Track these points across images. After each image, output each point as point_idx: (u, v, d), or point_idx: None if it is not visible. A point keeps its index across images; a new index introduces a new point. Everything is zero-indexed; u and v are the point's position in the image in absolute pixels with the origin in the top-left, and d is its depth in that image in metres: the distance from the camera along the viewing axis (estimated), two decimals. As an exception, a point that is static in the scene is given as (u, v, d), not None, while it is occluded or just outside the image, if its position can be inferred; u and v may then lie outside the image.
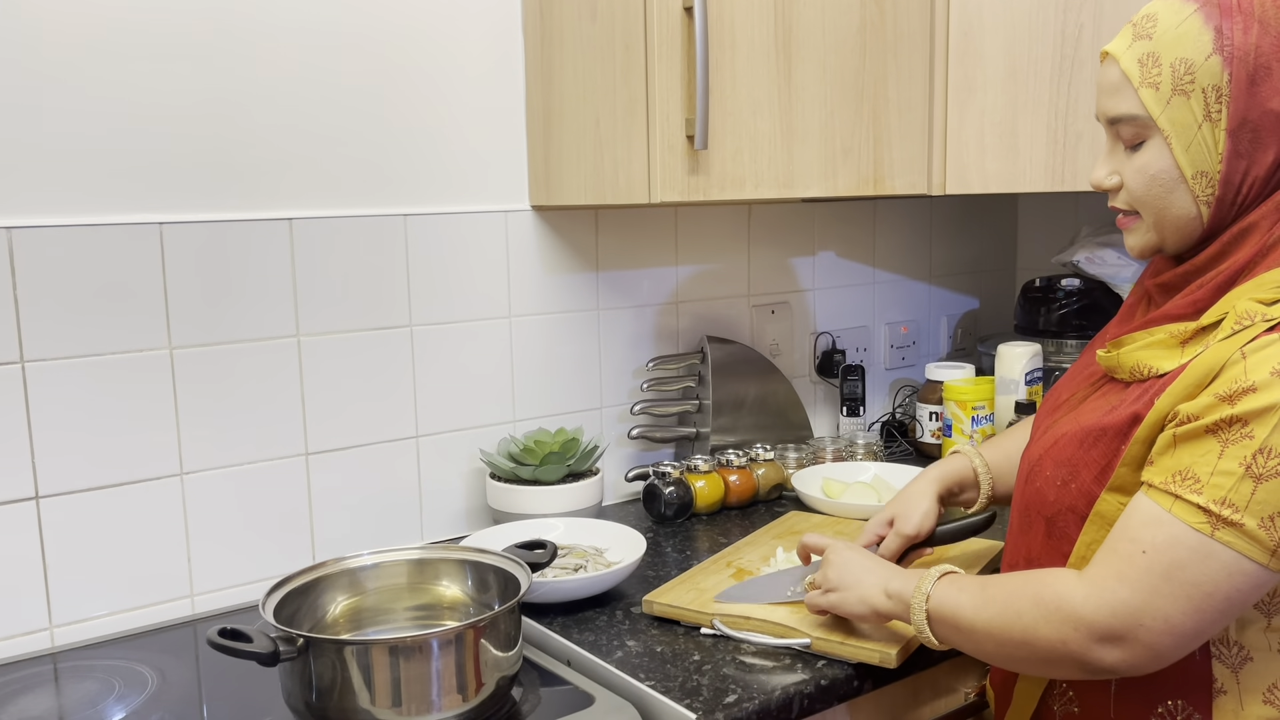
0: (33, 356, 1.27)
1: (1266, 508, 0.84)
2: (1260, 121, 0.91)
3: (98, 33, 1.27)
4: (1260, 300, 0.90)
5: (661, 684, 1.12)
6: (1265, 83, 0.90)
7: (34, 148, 1.25)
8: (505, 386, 1.66)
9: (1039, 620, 0.93)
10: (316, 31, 1.43)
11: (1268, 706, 0.93)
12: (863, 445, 1.89)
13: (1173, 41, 0.93)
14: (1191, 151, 0.93)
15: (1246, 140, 0.91)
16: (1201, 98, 0.92)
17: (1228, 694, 0.94)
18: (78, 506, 1.31)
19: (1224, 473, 0.86)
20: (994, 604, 0.98)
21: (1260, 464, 0.84)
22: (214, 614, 1.39)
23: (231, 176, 1.39)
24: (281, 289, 1.43)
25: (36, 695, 1.17)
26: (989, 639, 0.98)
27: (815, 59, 1.51)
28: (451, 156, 1.57)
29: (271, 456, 1.44)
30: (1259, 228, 0.92)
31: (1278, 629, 0.93)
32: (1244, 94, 0.90)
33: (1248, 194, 0.93)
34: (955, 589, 1.02)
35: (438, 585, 1.22)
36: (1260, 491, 0.84)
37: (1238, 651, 0.93)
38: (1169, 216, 0.97)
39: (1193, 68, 0.91)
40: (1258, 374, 0.85)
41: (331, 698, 1.01)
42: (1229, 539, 0.85)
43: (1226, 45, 0.91)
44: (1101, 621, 0.89)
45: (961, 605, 1.00)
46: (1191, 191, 0.94)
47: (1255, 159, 0.92)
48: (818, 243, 2.06)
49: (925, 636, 1.04)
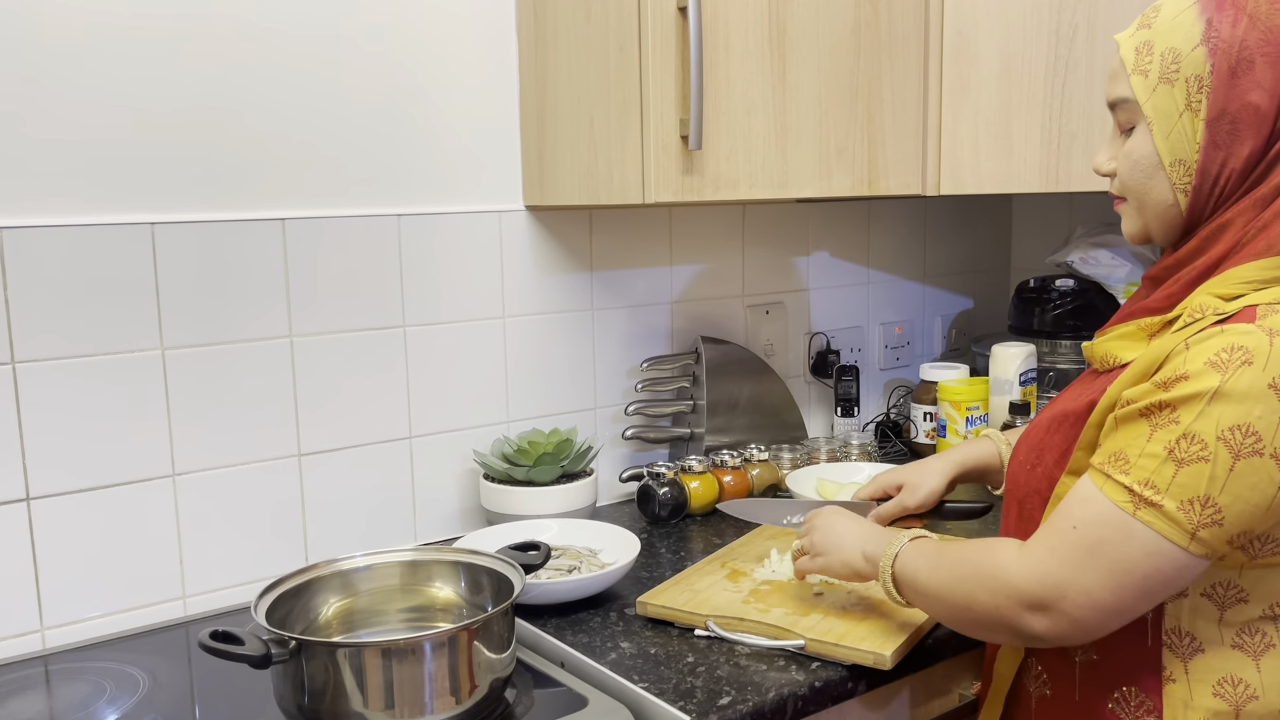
0: (24, 357, 1.26)
1: (1186, 491, 0.87)
2: (1239, 114, 0.92)
3: (88, 33, 1.27)
4: (1220, 295, 0.92)
5: (655, 686, 1.12)
6: (1246, 75, 0.91)
7: (26, 148, 1.24)
8: (499, 387, 1.66)
9: (978, 587, 0.98)
10: (309, 32, 1.42)
11: (1217, 699, 0.94)
12: (857, 446, 1.89)
13: (1167, 31, 0.95)
14: (1171, 139, 0.95)
15: (1224, 131, 0.92)
16: (1185, 87, 0.93)
17: (1177, 683, 0.96)
18: (69, 508, 1.30)
19: (1150, 455, 0.89)
20: (943, 569, 1.03)
21: (1183, 449, 0.87)
22: (206, 616, 1.38)
23: (224, 177, 1.38)
24: (274, 289, 1.43)
25: (27, 698, 1.16)
26: (939, 601, 1.04)
27: (809, 59, 1.51)
28: (445, 156, 1.56)
29: (264, 458, 1.44)
30: (1235, 224, 0.94)
31: (1230, 623, 0.94)
32: (1224, 85, 0.92)
33: (1225, 186, 0.94)
34: (917, 553, 1.08)
35: (431, 587, 1.22)
36: (1181, 475, 0.87)
37: (1189, 642, 0.95)
38: (1149, 202, 0.99)
39: (1179, 57, 0.93)
40: (1193, 364, 0.88)
41: (324, 700, 1.01)
42: (1149, 519, 0.88)
43: (1213, 37, 0.92)
44: (1030, 591, 0.93)
45: (919, 569, 1.06)
46: (1169, 179, 0.96)
47: (1233, 151, 0.93)
48: (812, 243, 2.06)
49: (892, 596, 1.10)
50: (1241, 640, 0.94)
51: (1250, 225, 0.93)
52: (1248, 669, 0.94)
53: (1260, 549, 0.92)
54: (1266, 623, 0.94)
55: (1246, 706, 0.94)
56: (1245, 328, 0.87)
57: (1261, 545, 0.91)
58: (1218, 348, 0.87)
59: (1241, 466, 0.85)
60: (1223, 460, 0.86)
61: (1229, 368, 0.86)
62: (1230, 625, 0.95)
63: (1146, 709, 0.97)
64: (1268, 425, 0.85)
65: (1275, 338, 0.86)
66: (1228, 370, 0.86)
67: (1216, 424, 0.86)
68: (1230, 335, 0.88)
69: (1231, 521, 0.87)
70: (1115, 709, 0.99)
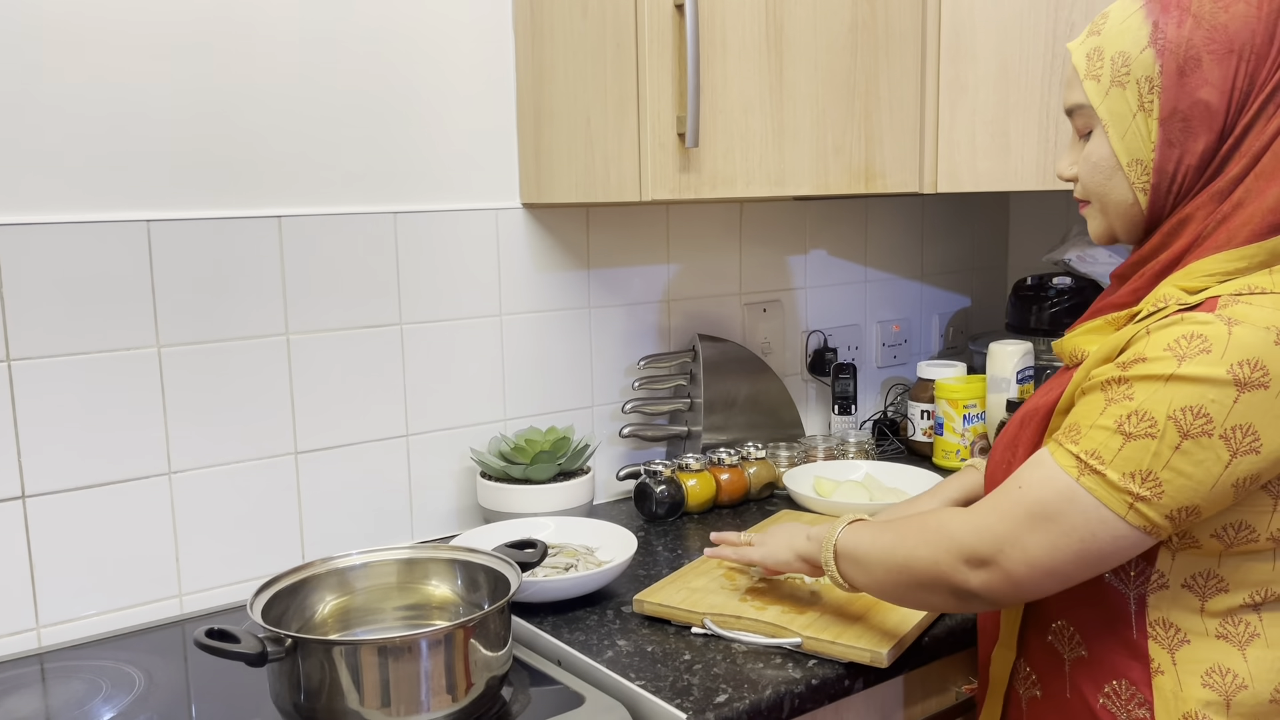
0: (19, 355, 1.26)
1: (1129, 464, 0.89)
2: (1190, 111, 0.94)
3: (84, 32, 1.26)
4: (1184, 288, 0.94)
5: (652, 684, 1.12)
6: (1194, 74, 0.93)
7: (21, 144, 1.24)
8: (496, 385, 1.65)
9: (920, 543, 1.01)
10: (306, 30, 1.42)
11: (1207, 689, 0.95)
12: (854, 444, 1.89)
13: (1116, 36, 0.97)
14: (1127, 140, 0.97)
15: (1178, 129, 0.95)
16: (1136, 89, 0.96)
17: (1165, 674, 0.96)
18: (65, 505, 1.30)
19: (1100, 427, 0.91)
20: (888, 534, 1.07)
21: (1132, 424, 0.89)
22: (202, 614, 1.38)
23: (220, 174, 1.38)
24: (271, 287, 1.43)
25: (23, 696, 1.16)
26: (879, 564, 1.07)
27: (807, 57, 1.51)
28: (442, 153, 1.56)
29: (260, 455, 1.44)
30: (1195, 218, 0.96)
31: (1213, 613, 0.95)
32: (1174, 85, 0.94)
33: (1183, 182, 0.96)
34: (861, 527, 1.12)
35: (427, 585, 1.21)
36: (1127, 449, 0.89)
37: (1175, 634, 0.96)
38: (1111, 202, 1.01)
39: (1129, 60, 0.96)
40: (1153, 349, 0.91)
41: (320, 698, 1.01)
42: (1091, 485, 0.91)
43: (1160, 38, 0.94)
44: (969, 544, 0.96)
45: (862, 540, 1.10)
46: (1128, 179, 0.98)
47: (1187, 148, 0.95)
48: (809, 241, 2.06)
49: (831, 572, 1.12)
50: (1226, 630, 0.95)
51: (1210, 219, 0.95)
52: (1234, 659, 0.95)
53: (1235, 536, 0.93)
54: (1249, 611, 0.95)
55: (1236, 696, 0.94)
56: (1205, 317, 0.90)
57: (1236, 532, 0.93)
58: (1177, 335, 0.90)
59: (1189, 445, 0.88)
60: (1170, 438, 0.88)
61: (1187, 354, 0.88)
62: (1213, 615, 0.95)
63: (1138, 702, 0.97)
64: (1220, 409, 0.87)
65: (1234, 327, 0.88)
66: (1186, 356, 0.88)
67: (1169, 404, 0.88)
68: (1190, 324, 0.90)
69: (1170, 496, 0.89)
70: (1107, 704, 0.99)
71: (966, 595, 0.98)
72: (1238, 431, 0.87)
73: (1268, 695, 0.95)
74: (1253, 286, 0.92)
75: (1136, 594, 0.97)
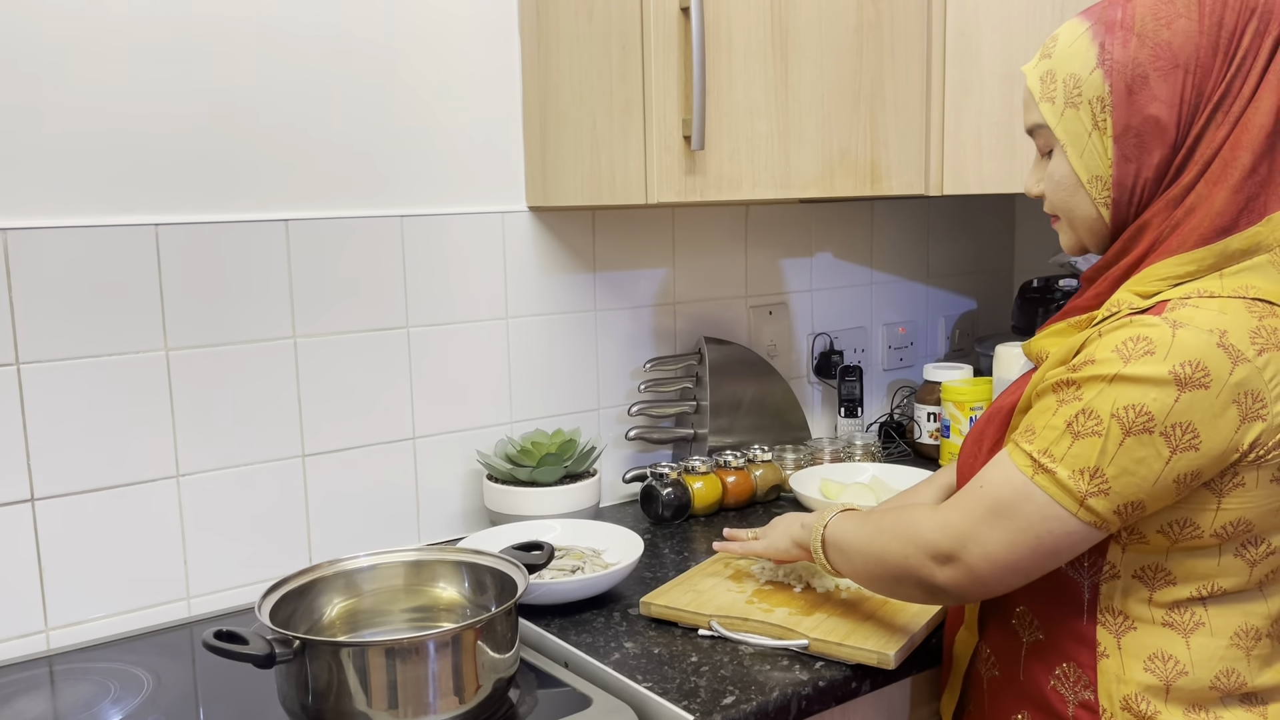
0: (28, 358, 1.26)
1: (1078, 461, 0.93)
2: (1142, 127, 0.98)
3: (92, 34, 1.27)
4: (1139, 293, 0.98)
5: (659, 685, 1.12)
6: (1143, 91, 0.97)
7: (30, 149, 1.25)
8: (502, 388, 1.66)
9: (892, 539, 1.07)
10: (313, 34, 1.43)
11: (1148, 674, 0.99)
12: (861, 446, 1.89)
13: (1065, 59, 1.01)
14: (1085, 158, 1.01)
15: (1132, 145, 0.99)
16: (1089, 109, 1.00)
17: (1110, 658, 1.01)
18: (73, 509, 1.30)
19: (1052, 427, 0.96)
20: (867, 527, 1.12)
21: (1080, 423, 0.94)
22: (210, 616, 1.39)
23: (228, 178, 1.38)
24: (278, 290, 1.43)
25: (32, 698, 1.16)
26: (859, 555, 1.12)
27: (812, 60, 1.51)
28: (448, 157, 1.56)
29: (268, 458, 1.44)
30: (1152, 225, 0.99)
31: (1160, 603, 0.99)
32: (1124, 103, 0.98)
33: (1142, 193, 1.00)
34: (847, 518, 1.17)
35: (434, 587, 1.22)
36: (1075, 447, 0.94)
37: (1122, 620, 1.01)
38: (1077, 217, 1.05)
39: (1079, 82, 1.00)
40: (1101, 351, 0.95)
41: (328, 700, 1.01)
42: (1044, 484, 0.95)
43: (1107, 59, 0.98)
44: (935, 541, 1.01)
45: (846, 530, 1.15)
46: (1089, 194, 1.02)
47: (1143, 161, 0.99)
48: (815, 243, 2.06)
49: (820, 560, 1.17)
50: (1171, 619, 0.99)
51: (1165, 224, 0.99)
52: (1178, 646, 0.99)
53: (1180, 532, 0.96)
54: (1196, 604, 0.99)
55: (1176, 682, 0.98)
56: (1152, 320, 0.93)
57: (1180, 529, 0.96)
58: (1124, 337, 0.94)
59: (1130, 442, 0.92)
60: (1114, 435, 0.92)
61: (1132, 356, 0.92)
62: (1160, 605, 0.99)
63: (1083, 684, 1.02)
64: (1161, 408, 0.91)
65: (1178, 330, 0.92)
66: (1131, 358, 0.92)
67: (1113, 403, 0.92)
68: (1137, 327, 0.94)
69: (1117, 492, 0.93)
70: (1056, 685, 1.04)
71: (934, 590, 1.03)
72: (1177, 429, 0.91)
73: (1208, 682, 0.98)
74: (1201, 290, 0.95)
75: (1090, 582, 1.02)
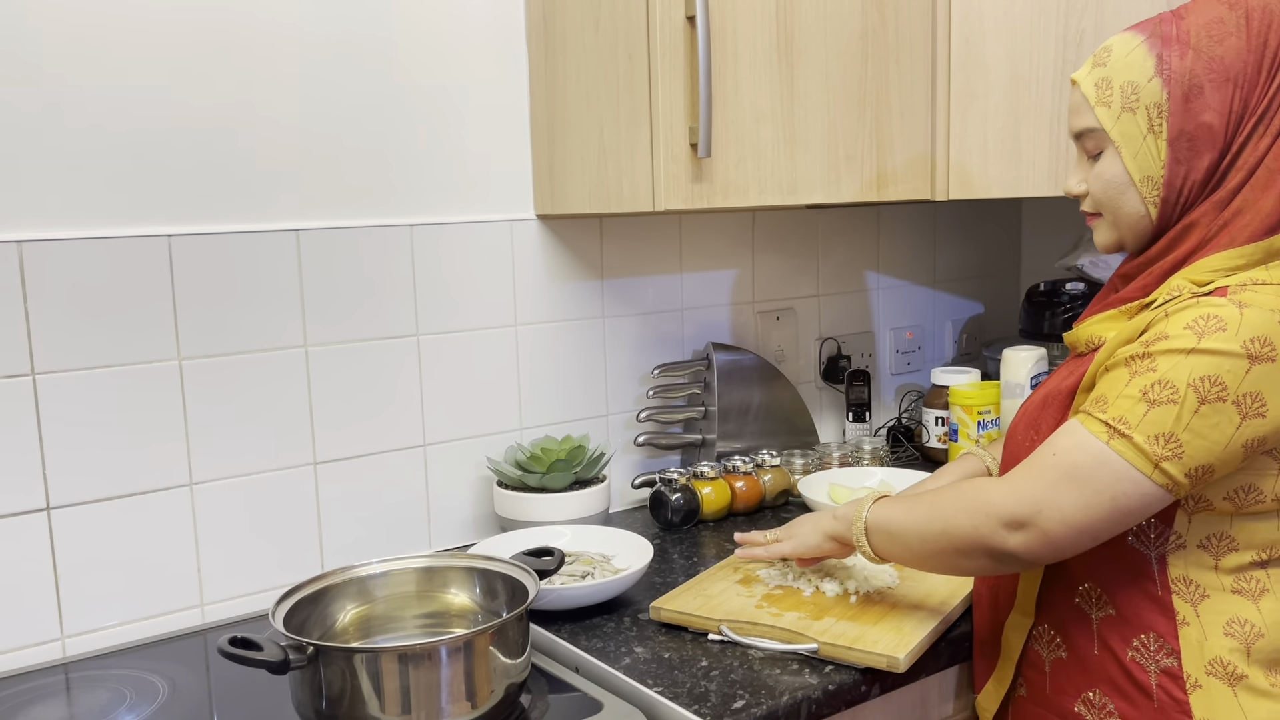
0: (43, 369, 1.28)
1: (1155, 427, 0.99)
2: (1195, 132, 1.06)
3: (104, 46, 1.28)
4: (1194, 281, 1.06)
5: (669, 690, 1.13)
6: (1197, 99, 1.06)
7: (44, 162, 1.26)
8: (511, 394, 1.67)
9: (959, 511, 1.09)
10: (323, 44, 1.44)
11: (1229, 639, 1.05)
12: (869, 451, 1.89)
13: (1122, 68, 1.09)
14: (1139, 159, 1.09)
15: (1184, 148, 1.07)
16: (1145, 114, 1.08)
17: (1190, 626, 1.06)
18: (88, 517, 1.32)
19: (1127, 396, 1.01)
20: (923, 505, 1.14)
21: (1156, 392, 1.00)
22: (224, 623, 1.39)
23: (239, 188, 1.40)
24: (289, 299, 1.44)
25: (48, 705, 1.17)
26: (915, 534, 1.14)
27: (817, 66, 1.52)
28: (457, 167, 1.57)
29: (280, 466, 1.45)
30: (1200, 224, 1.07)
31: (1226, 569, 1.06)
32: (1180, 110, 1.06)
33: (1188, 195, 1.08)
34: (891, 502, 1.20)
35: (446, 593, 1.22)
36: (1152, 414, 1.00)
37: (1196, 590, 1.07)
38: (1123, 215, 1.13)
39: (1138, 89, 1.08)
40: (1173, 328, 1.02)
41: (341, 706, 1.02)
42: (1120, 448, 1.00)
43: (1165, 69, 1.07)
44: (1008, 508, 1.05)
45: (894, 514, 1.17)
46: (1140, 193, 1.10)
47: (1193, 165, 1.07)
48: (821, 249, 2.07)
49: (862, 547, 1.19)
50: (1240, 585, 1.06)
51: (1213, 224, 1.07)
52: (1249, 610, 1.05)
53: (1244, 498, 1.03)
54: (1257, 568, 1.06)
55: (1255, 644, 1.05)
56: (1219, 300, 1.01)
57: (1245, 494, 1.03)
58: (1195, 315, 1.01)
59: (1206, 410, 0.98)
60: (1190, 403, 0.98)
61: (1206, 332, 0.99)
62: (1225, 571, 1.06)
63: (1166, 652, 1.07)
64: (1234, 378, 0.98)
65: (1245, 310, 0.99)
66: (1205, 333, 0.99)
67: (1189, 373, 0.99)
68: (1205, 306, 1.01)
69: (1190, 456, 0.99)
70: (1135, 656, 1.08)
71: (1004, 557, 1.06)
72: (1248, 398, 0.98)
73: None
74: (1254, 279, 1.03)
75: (1158, 554, 1.07)
